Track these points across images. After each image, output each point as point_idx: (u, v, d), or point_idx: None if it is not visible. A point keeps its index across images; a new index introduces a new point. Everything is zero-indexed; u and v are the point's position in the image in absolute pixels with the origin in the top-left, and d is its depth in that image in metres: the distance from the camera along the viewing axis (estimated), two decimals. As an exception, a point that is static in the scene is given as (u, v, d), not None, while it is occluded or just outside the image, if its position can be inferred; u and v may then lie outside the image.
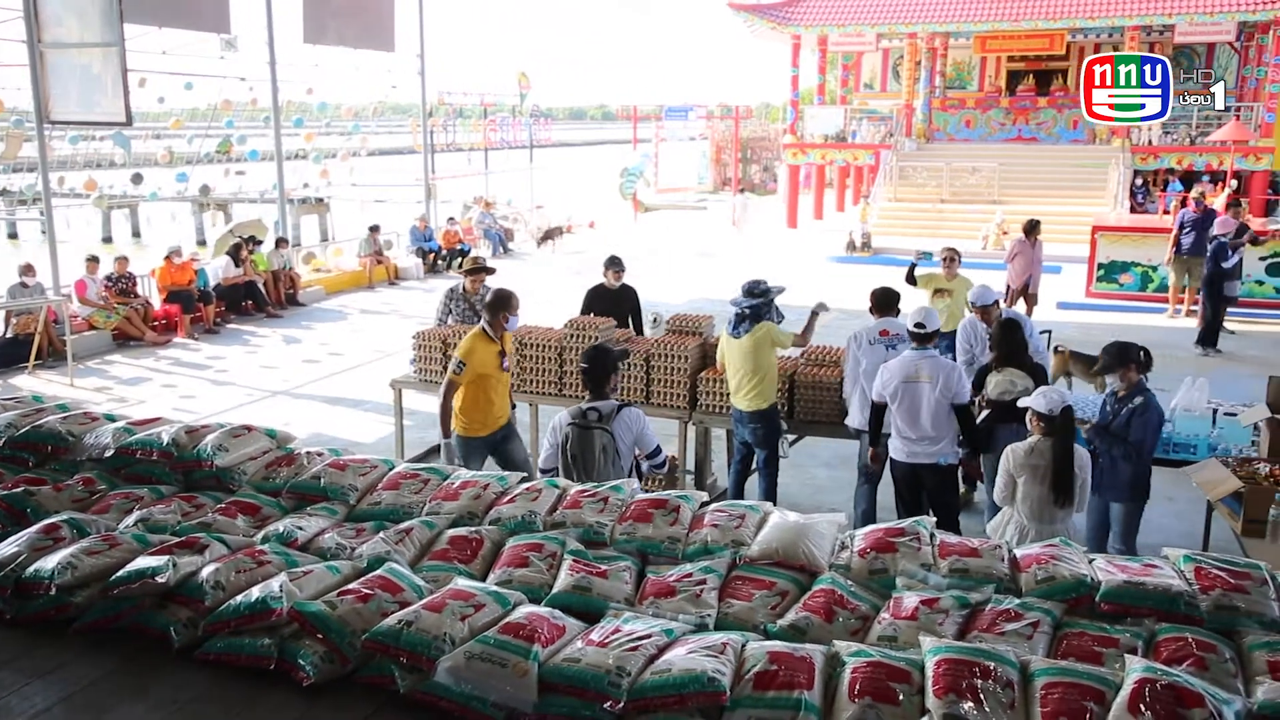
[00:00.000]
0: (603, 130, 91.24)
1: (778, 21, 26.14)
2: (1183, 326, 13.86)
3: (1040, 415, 4.94)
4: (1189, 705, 2.13)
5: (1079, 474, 4.88)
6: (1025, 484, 4.96)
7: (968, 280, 8.98)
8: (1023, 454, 4.98)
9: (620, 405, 4.95)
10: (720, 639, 2.49)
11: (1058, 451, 4.86)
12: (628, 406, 4.99)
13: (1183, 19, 23.21)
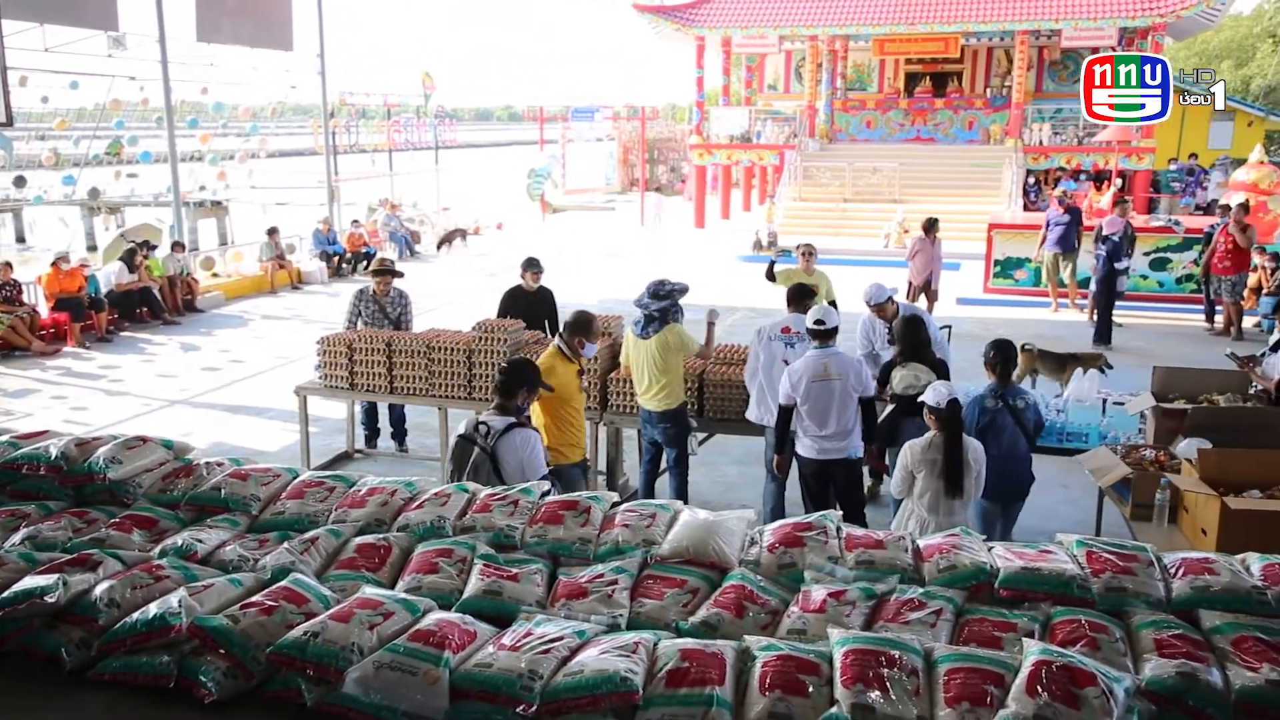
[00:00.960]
0: (509, 131, 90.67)
1: (682, 23, 26.33)
2: (1070, 320, 14.37)
3: (931, 409, 5.08)
4: (1082, 684, 2.21)
5: (972, 465, 5.03)
6: (923, 478, 5.10)
7: (825, 275, 9.40)
8: (920, 449, 5.12)
9: (511, 425, 4.65)
10: (632, 638, 2.50)
11: (947, 443, 5.01)
12: (521, 428, 4.67)
13: (1068, 24, 24.10)
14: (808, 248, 9.62)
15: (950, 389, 5.14)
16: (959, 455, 5.00)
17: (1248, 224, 13.27)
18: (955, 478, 5.00)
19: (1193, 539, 4.75)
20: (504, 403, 4.75)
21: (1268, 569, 2.79)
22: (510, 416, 4.70)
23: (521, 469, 4.53)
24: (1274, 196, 18.31)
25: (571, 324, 5.97)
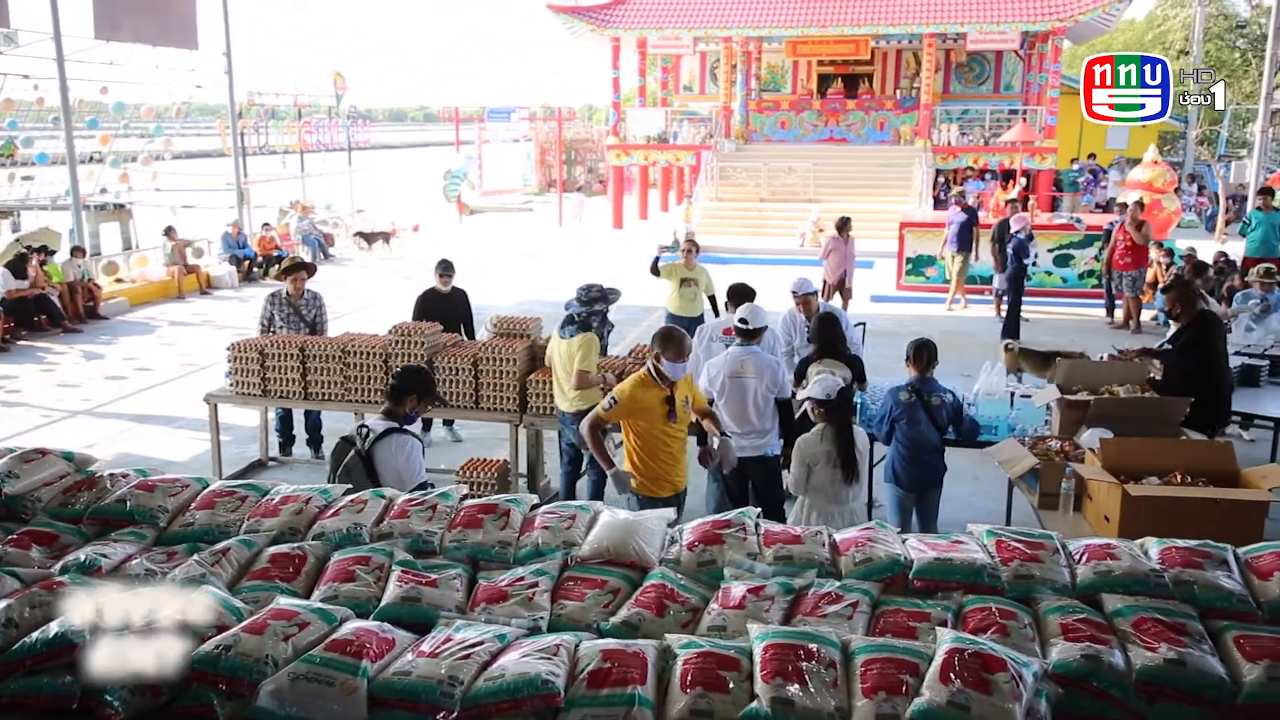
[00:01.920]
0: (425, 132, 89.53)
1: (597, 24, 26.34)
2: (978, 316, 14.75)
3: (819, 402, 5.30)
4: (993, 670, 2.28)
5: (863, 452, 5.30)
6: (819, 470, 5.29)
7: (705, 269, 9.87)
8: (813, 442, 5.33)
9: (390, 429, 4.56)
10: (553, 640, 2.50)
11: (839, 432, 5.24)
12: (397, 433, 4.57)
13: (973, 28, 24.74)
14: (690, 243, 9.94)
15: (836, 382, 5.39)
16: (851, 443, 5.24)
17: (1143, 221, 13.78)
18: (850, 464, 5.22)
19: (1096, 526, 4.91)
20: (392, 408, 4.70)
21: (1165, 553, 2.90)
22: (394, 422, 4.64)
23: (398, 475, 4.44)
24: (1167, 195, 19.04)
25: (653, 340, 5.36)
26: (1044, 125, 24.80)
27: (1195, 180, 31.07)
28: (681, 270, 9.83)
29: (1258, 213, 14.63)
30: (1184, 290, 6.95)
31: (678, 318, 9.67)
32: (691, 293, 9.71)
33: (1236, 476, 4.93)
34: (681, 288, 9.79)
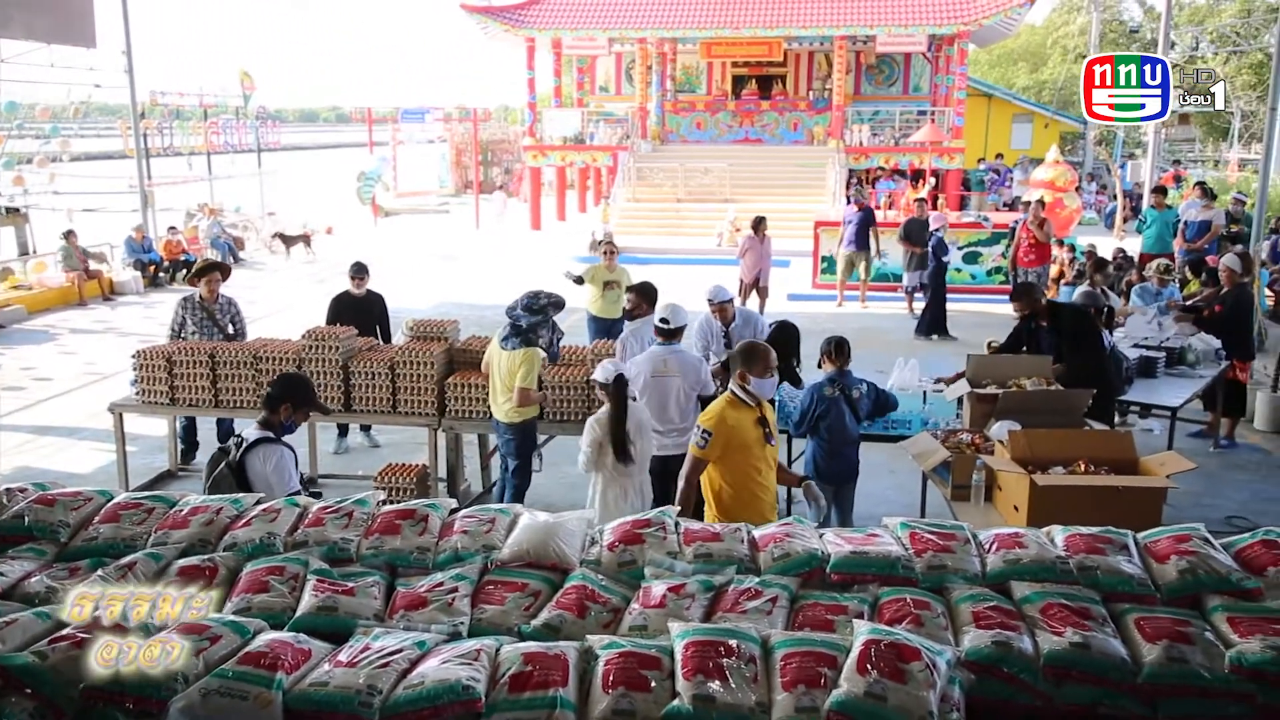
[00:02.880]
0: (337, 133, 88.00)
1: (511, 24, 26.19)
2: (891, 313, 15.04)
3: (600, 385, 5.57)
4: (908, 660, 2.33)
5: (635, 433, 5.52)
6: (605, 449, 5.52)
7: (626, 271, 9.91)
8: (598, 423, 5.58)
9: (261, 439, 4.44)
10: (474, 645, 2.48)
11: (614, 415, 5.47)
12: (268, 443, 4.45)
13: (882, 30, 25.24)
14: (609, 246, 10.01)
15: (617, 366, 5.61)
16: (624, 424, 5.46)
17: (1045, 219, 14.22)
18: (621, 445, 5.43)
19: (1006, 515, 5.05)
20: (267, 416, 4.57)
21: (1070, 540, 3.00)
22: (270, 431, 4.51)
23: (269, 485, 4.31)
24: (1069, 193, 19.67)
25: (735, 356, 4.83)
26: (952, 126, 25.43)
27: (1095, 179, 32.19)
28: (603, 273, 9.88)
29: (1152, 210, 15.22)
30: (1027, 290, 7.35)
31: (600, 320, 9.71)
32: (614, 295, 9.72)
33: (1136, 464, 5.13)
34: (605, 291, 9.83)
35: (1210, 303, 9.40)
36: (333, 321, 8.19)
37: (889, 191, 24.79)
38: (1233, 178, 28.76)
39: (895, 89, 30.08)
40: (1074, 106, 44.06)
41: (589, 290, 9.94)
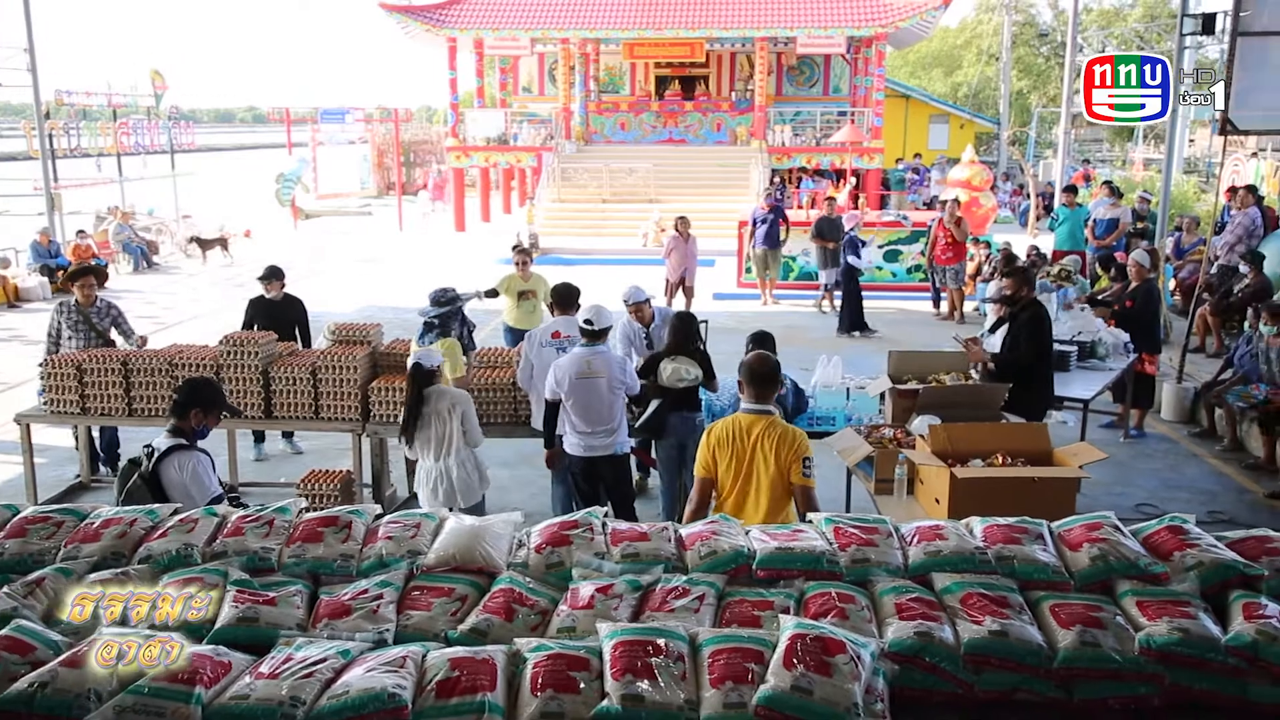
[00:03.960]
0: (254, 134, 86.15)
1: (431, 24, 25.92)
2: (809, 311, 15.25)
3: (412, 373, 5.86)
4: (834, 653, 2.36)
5: (450, 410, 5.80)
6: (418, 433, 5.85)
7: (543, 278, 9.52)
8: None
9: (174, 447, 4.32)
10: (400, 652, 2.44)
11: (410, 398, 5.81)
12: (182, 450, 4.34)
13: (802, 32, 25.58)
14: (524, 256, 9.66)
15: (416, 356, 5.90)
16: (419, 406, 5.78)
17: (961, 217, 14.57)
18: (410, 428, 5.80)
19: (928, 508, 5.16)
20: (177, 424, 4.45)
21: (988, 530, 3.07)
22: (182, 438, 4.40)
23: (187, 494, 4.21)
24: (984, 192, 20.16)
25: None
26: (871, 126, 25.88)
27: (1010, 178, 33.05)
28: (518, 283, 9.56)
29: (1064, 209, 15.69)
30: (1021, 272, 7.34)
31: (516, 331, 9.41)
32: (530, 305, 9.48)
33: (1050, 456, 5.27)
34: (520, 301, 9.53)
35: (1120, 298, 9.72)
36: (248, 326, 8.02)
37: (811, 191, 25.12)
38: (1138, 176, 29.76)
39: (816, 90, 30.53)
40: (989, 107, 45.25)
41: (504, 301, 9.65)
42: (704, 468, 4.46)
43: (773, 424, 4.40)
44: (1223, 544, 2.96)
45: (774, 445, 4.34)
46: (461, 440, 5.84)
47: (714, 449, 4.42)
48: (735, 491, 4.39)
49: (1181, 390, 9.87)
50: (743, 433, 4.36)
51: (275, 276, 8.52)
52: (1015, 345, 6.87)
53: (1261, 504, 7.69)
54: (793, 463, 4.34)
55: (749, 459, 4.36)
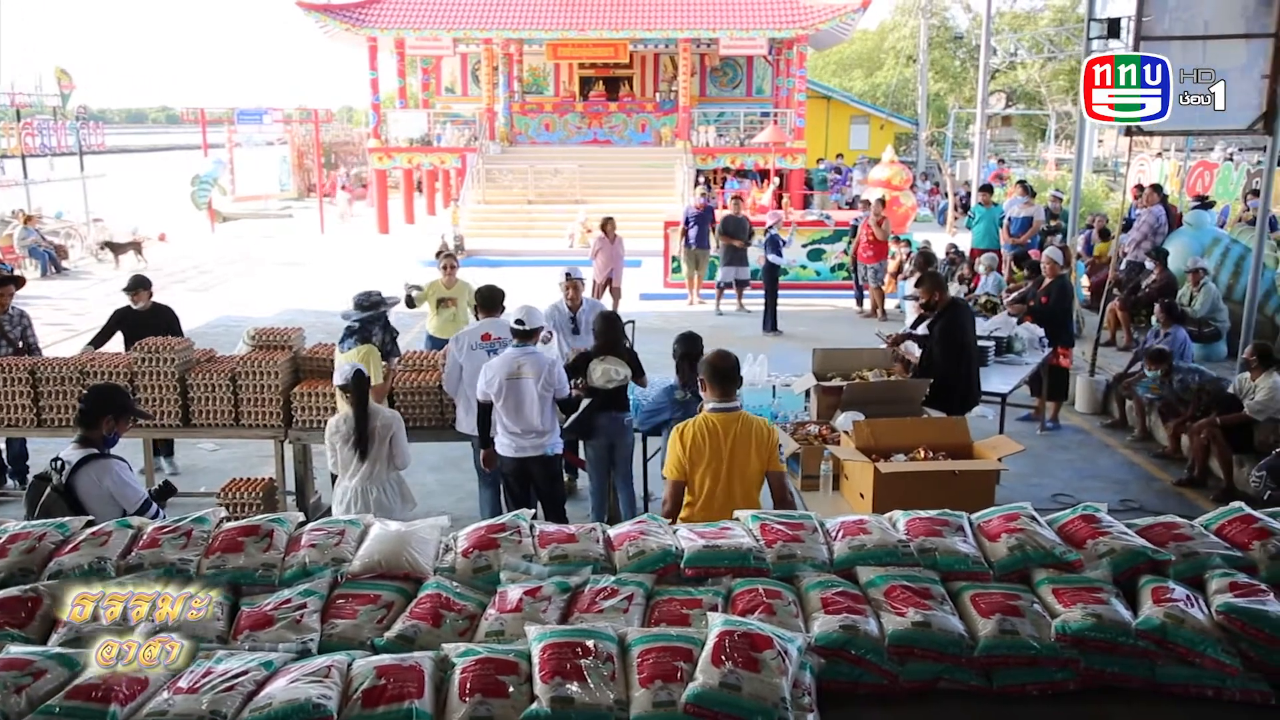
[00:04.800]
0: (168, 135, 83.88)
1: (351, 23, 25.53)
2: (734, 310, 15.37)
3: (340, 387, 5.62)
4: (761, 648, 2.38)
5: (380, 431, 5.54)
6: (342, 450, 5.55)
7: (468, 284, 9.27)
8: (336, 424, 5.61)
9: (87, 457, 4.21)
10: (324, 662, 2.40)
11: (356, 412, 5.49)
12: (96, 459, 4.23)
13: (724, 33, 25.79)
14: (448, 261, 9.46)
15: (353, 366, 5.58)
16: (365, 424, 5.49)
17: (884, 217, 14.84)
18: (363, 443, 5.48)
19: (853, 503, 5.24)
20: (86, 434, 4.32)
21: (910, 524, 3.13)
22: (92, 448, 4.28)
23: (111, 501, 4.11)
24: (904, 192, 20.56)
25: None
26: (793, 127, 26.20)
27: (928, 177, 33.74)
28: (439, 290, 9.30)
29: (980, 207, 16.07)
30: (933, 279, 7.48)
31: (438, 340, 9.16)
32: (451, 313, 9.23)
33: (970, 449, 5.40)
34: (440, 308, 9.28)
35: (1035, 294, 9.99)
36: (107, 337, 7.87)
37: (734, 191, 25.33)
38: (1051, 176, 30.62)
39: (739, 91, 30.80)
40: (907, 109, 46.13)
41: (425, 307, 9.40)
42: (677, 471, 4.41)
43: (745, 419, 4.45)
44: (1133, 531, 3.07)
45: (753, 439, 4.40)
46: (386, 463, 5.61)
47: (689, 452, 4.37)
48: (718, 490, 4.38)
49: (1094, 383, 10.18)
50: (719, 432, 4.38)
51: (141, 286, 8.27)
52: (931, 353, 7.04)
53: (1170, 491, 7.97)
54: (772, 451, 4.45)
55: (730, 457, 4.37)
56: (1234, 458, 7.65)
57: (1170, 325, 9.20)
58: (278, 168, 36.75)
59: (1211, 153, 24.62)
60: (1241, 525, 3.09)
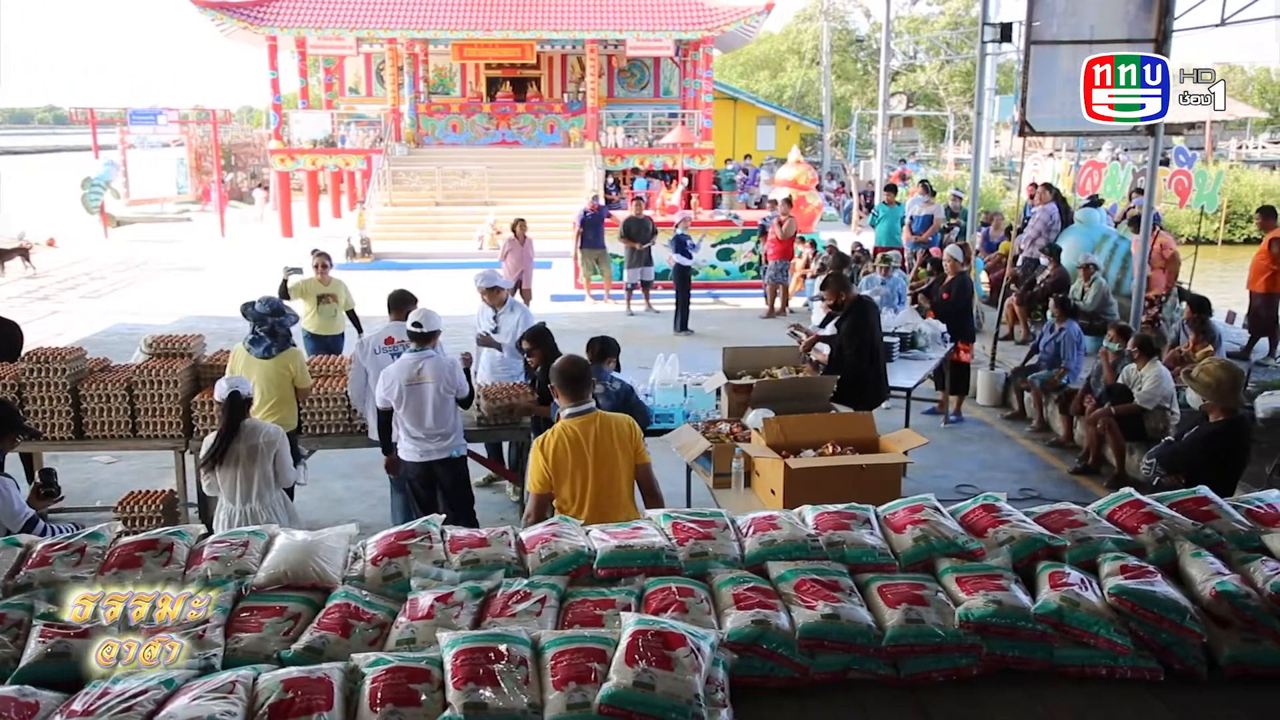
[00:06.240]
0: (56, 136, 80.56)
1: (249, 21, 24.87)
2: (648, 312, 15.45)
3: (218, 402, 5.22)
4: (674, 646, 2.40)
5: (264, 448, 5.19)
6: (219, 469, 5.19)
7: (343, 283, 9.44)
8: (207, 443, 5.22)
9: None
10: (228, 678, 2.34)
11: (227, 432, 5.14)
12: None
13: (631, 35, 25.86)
14: (322, 259, 9.41)
15: (231, 383, 5.22)
16: (235, 442, 5.13)
17: (789, 216, 15.06)
18: (219, 458, 5.12)
19: (765, 499, 5.31)
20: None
21: (819, 518, 3.19)
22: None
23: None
24: (810, 191, 20.88)
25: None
26: (701, 128, 26.41)
27: (833, 177, 34.37)
28: (316, 286, 9.23)
29: (884, 206, 16.44)
30: (837, 280, 7.62)
31: (318, 338, 9.16)
32: (331, 309, 9.21)
33: (877, 443, 5.52)
34: (320, 305, 9.19)
35: (936, 290, 10.25)
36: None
37: (644, 191, 25.43)
38: (950, 175, 31.48)
39: (647, 92, 30.91)
40: (812, 110, 46.93)
41: (301, 306, 9.20)
42: (542, 484, 4.36)
43: (603, 418, 4.45)
44: (1031, 519, 3.17)
45: (616, 437, 4.40)
46: (270, 482, 5.26)
47: (554, 463, 4.34)
48: (590, 493, 4.36)
49: (994, 376, 10.50)
50: (579, 438, 4.35)
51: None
52: (840, 353, 7.19)
53: (1066, 479, 8.27)
54: (638, 444, 4.46)
55: (595, 458, 4.35)
56: (1126, 445, 7.97)
57: (1064, 319, 9.53)
58: (174, 170, 35.56)
59: (1100, 153, 25.61)
60: (1131, 510, 3.22)
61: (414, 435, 5.95)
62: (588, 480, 4.35)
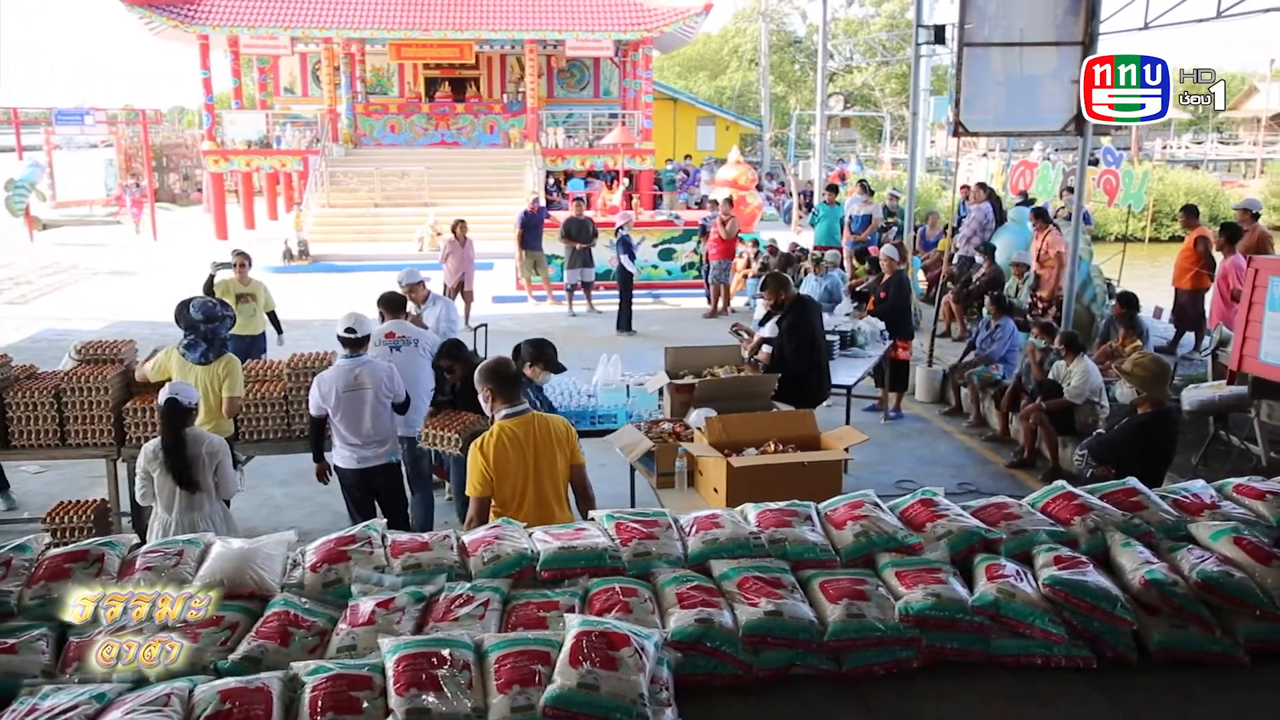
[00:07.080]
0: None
1: (180, 20, 24.34)
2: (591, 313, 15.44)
3: (159, 410, 5.06)
4: (618, 646, 2.40)
5: (206, 459, 5.01)
6: (158, 478, 5.02)
7: (262, 284, 9.59)
8: (151, 450, 5.03)
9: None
10: (163, 690, 2.29)
11: (167, 441, 4.97)
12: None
13: (570, 35, 25.81)
14: (242, 258, 9.44)
15: (174, 389, 5.03)
16: (181, 450, 4.95)
17: (730, 216, 15.15)
18: (183, 472, 4.94)
19: (708, 498, 5.33)
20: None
21: (761, 516, 3.21)
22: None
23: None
24: (750, 191, 21.06)
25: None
26: (641, 128, 26.44)
27: (773, 177, 34.65)
28: (235, 286, 9.21)
29: (824, 205, 16.61)
30: (776, 280, 7.67)
31: (237, 337, 8.75)
32: (250, 309, 9.19)
33: (818, 440, 5.57)
34: (239, 304, 9.00)
35: (875, 289, 10.39)
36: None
37: (582, 192, 25.41)
38: (888, 175, 31.91)
39: (587, 92, 30.88)
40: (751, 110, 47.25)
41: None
42: (483, 486, 4.27)
43: (540, 419, 4.42)
44: (968, 513, 3.23)
45: (553, 437, 4.38)
46: (211, 493, 5.06)
47: (495, 465, 4.26)
48: (529, 493, 4.33)
49: (932, 373, 10.66)
50: (519, 438, 4.32)
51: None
52: (781, 352, 7.23)
53: (1002, 473, 8.43)
54: (574, 446, 4.46)
55: (535, 458, 4.33)
56: (1059, 439, 8.15)
57: (1000, 316, 9.71)
58: (103, 171, 34.68)
59: (1031, 152, 26.15)
60: (1064, 502, 3.30)
61: (350, 442, 5.87)
62: (528, 480, 4.32)
